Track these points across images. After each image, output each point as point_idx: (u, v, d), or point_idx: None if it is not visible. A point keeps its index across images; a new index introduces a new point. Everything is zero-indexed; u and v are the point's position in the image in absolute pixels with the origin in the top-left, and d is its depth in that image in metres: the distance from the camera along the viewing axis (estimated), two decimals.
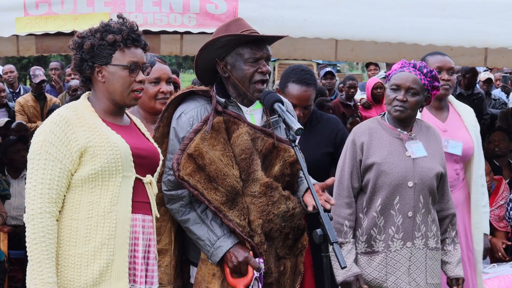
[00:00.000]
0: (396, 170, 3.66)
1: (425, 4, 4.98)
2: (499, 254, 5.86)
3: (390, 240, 3.66)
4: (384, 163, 3.66)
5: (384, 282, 3.67)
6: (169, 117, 3.39)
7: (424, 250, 3.70)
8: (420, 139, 3.76)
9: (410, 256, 3.67)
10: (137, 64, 2.90)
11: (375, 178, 3.67)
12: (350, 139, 3.80)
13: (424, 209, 3.67)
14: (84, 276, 2.76)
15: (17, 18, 4.82)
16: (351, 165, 3.73)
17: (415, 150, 3.71)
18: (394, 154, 3.69)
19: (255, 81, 3.28)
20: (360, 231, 3.73)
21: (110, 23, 2.91)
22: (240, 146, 3.25)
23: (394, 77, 3.73)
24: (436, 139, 3.82)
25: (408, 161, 3.68)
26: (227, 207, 3.24)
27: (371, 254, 3.70)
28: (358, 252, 3.73)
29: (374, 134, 3.75)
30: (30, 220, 2.73)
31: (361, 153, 3.72)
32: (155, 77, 3.70)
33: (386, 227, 3.67)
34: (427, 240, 3.70)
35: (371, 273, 3.68)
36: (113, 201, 2.80)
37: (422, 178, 3.67)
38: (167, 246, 3.46)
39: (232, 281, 3.28)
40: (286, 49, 6.94)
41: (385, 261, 3.67)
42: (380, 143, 3.72)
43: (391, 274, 3.66)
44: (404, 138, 3.74)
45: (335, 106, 9.12)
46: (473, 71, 8.75)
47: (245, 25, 3.32)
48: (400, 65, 3.78)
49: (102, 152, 2.79)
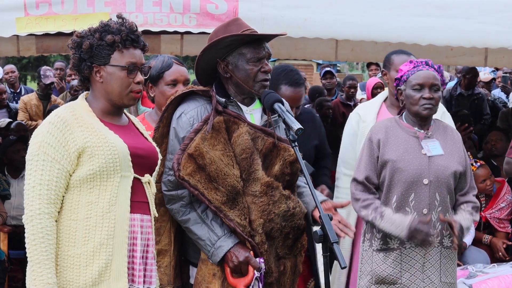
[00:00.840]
0: (411, 167, 3.68)
1: (425, 4, 4.98)
2: (500, 254, 5.86)
3: None
4: (400, 161, 3.70)
5: (398, 278, 3.70)
6: (169, 118, 3.39)
7: (439, 248, 3.72)
8: (437, 138, 3.79)
9: (425, 253, 3.70)
10: (135, 65, 2.90)
11: (391, 175, 3.71)
12: (367, 137, 3.85)
13: (440, 207, 3.70)
14: (83, 276, 2.76)
15: (18, 18, 4.82)
16: (369, 161, 3.76)
17: (431, 148, 3.74)
18: (410, 152, 3.72)
19: (259, 80, 3.29)
20: (376, 228, 3.74)
21: (109, 23, 2.90)
22: (241, 145, 3.25)
23: (414, 77, 3.73)
24: (454, 138, 3.84)
25: (424, 159, 3.71)
26: (227, 207, 3.24)
27: (387, 251, 3.72)
28: (373, 249, 3.76)
29: (391, 132, 3.78)
30: (29, 221, 2.73)
31: (377, 149, 3.76)
32: (172, 79, 3.73)
33: None
34: (443, 238, 3.73)
35: (386, 270, 3.71)
36: (111, 201, 2.80)
37: (437, 176, 3.69)
38: (166, 247, 3.46)
39: (232, 281, 3.28)
40: (286, 49, 6.95)
41: (400, 258, 3.70)
42: (396, 140, 3.75)
43: (405, 271, 3.70)
44: (421, 136, 3.77)
45: (335, 106, 9.12)
46: (474, 72, 8.76)
47: (244, 25, 3.33)
48: (413, 65, 3.79)
49: (100, 152, 2.79)
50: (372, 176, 3.76)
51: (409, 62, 3.84)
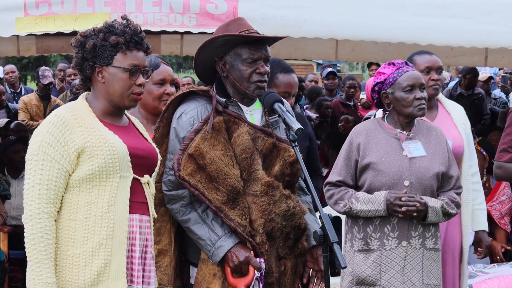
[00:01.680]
0: (392, 169, 3.67)
1: (426, 4, 4.99)
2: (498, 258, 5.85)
3: (385, 238, 3.68)
4: (380, 163, 3.68)
5: (378, 280, 3.68)
6: (169, 118, 3.39)
7: (421, 250, 3.69)
8: (419, 139, 3.76)
9: (405, 255, 3.67)
10: (138, 67, 2.90)
11: (372, 177, 3.69)
12: (347, 139, 3.82)
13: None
14: (82, 276, 2.76)
15: (17, 18, 4.82)
16: (345, 164, 3.76)
17: (412, 150, 3.72)
18: (391, 154, 3.70)
19: (253, 81, 3.28)
20: (356, 228, 3.74)
21: (114, 24, 2.90)
22: (241, 145, 3.25)
23: (404, 78, 3.70)
24: (438, 139, 3.81)
25: (405, 161, 3.69)
26: (228, 207, 3.24)
27: (367, 252, 3.71)
28: (355, 249, 3.75)
29: (372, 134, 3.76)
30: (28, 221, 2.73)
31: (357, 153, 3.74)
32: (160, 78, 3.71)
33: (381, 225, 3.68)
34: (425, 240, 3.70)
35: (366, 271, 3.69)
36: (110, 201, 2.80)
37: (419, 178, 3.67)
38: (167, 247, 3.46)
39: (233, 281, 3.28)
40: (286, 49, 6.95)
41: (379, 259, 3.68)
42: (377, 143, 3.73)
43: (385, 272, 3.67)
44: (402, 138, 3.75)
45: (335, 106, 9.12)
46: (474, 72, 8.76)
47: (244, 25, 3.32)
48: (394, 67, 3.76)
49: (100, 152, 2.79)
50: (347, 180, 3.75)
51: (388, 65, 3.80)
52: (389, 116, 3.82)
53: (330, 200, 3.79)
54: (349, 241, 3.80)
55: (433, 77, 4.15)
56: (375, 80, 3.83)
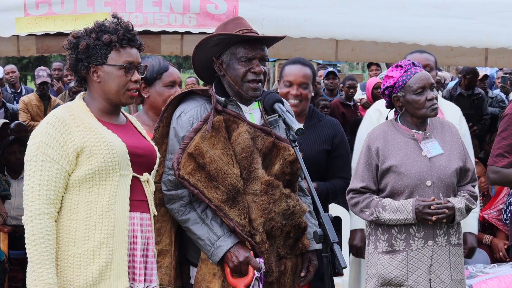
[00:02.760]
0: (413, 171, 3.68)
1: (425, 4, 4.99)
2: (500, 254, 5.86)
3: (411, 239, 3.68)
4: (401, 165, 3.69)
5: (405, 280, 3.68)
6: (169, 117, 3.39)
7: (447, 247, 3.71)
8: (435, 137, 3.78)
9: (432, 254, 3.69)
10: (132, 64, 2.91)
11: (394, 180, 3.70)
12: (365, 144, 3.81)
13: None
14: (84, 276, 2.76)
15: (17, 18, 4.82)
16: (366, 169, 3.75)
17: (430, 149, 3.73)
18: (410, 156, 3.71)
19: (247, 80, 3.28)
20: (381, 230, 3.74)
21: (105, 23, 2.92)
22: (241, 144, 3.26)
23: (414, 81, 3.70)
24: (452, 134, 3.83)
25: (425, 161, 3.70)
26: (227, 206, 3.24)
27: (392, 253, 3.71)
28: (379, 251, 3.74)
29: (389, 137, 3.76)
30: (28, 222, 2.74)
31: (377, 158, 3.74)
32: (170, 80, 3.76)
33: (407, 226, 3.69)
34: (449, 237, 3.72)
35: (392, 272, 3.69)
36: (111, 200, 2.81)
37: (440, 176, 3.69)
38: (167, 247, 3.46)
39: (232, 281, 3.28)
40: (286, 49, 6.95)
41: (406, 260, 3.69)
42: (395, 145, 3.74)
43: (412, 272, 3.68)
44: (419, 138, 3.76)
45: (334, 106, 9.12)
46: (474, 72, 8.76)
47: (242, 24, 3.32)
48: (403, 69, 3.75)
49: (99, 151, 2.79)
50: (370, 185, 3.75)
51: (396, 67, 3.79)
52: (402, 117, 3.82)
53: (355, 208, 3.78)
54: (372, 243, 3.79)
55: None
56: (384, 84, 3.82)
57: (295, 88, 4.09)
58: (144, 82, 3.75)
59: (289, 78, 4.11)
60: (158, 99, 3.73)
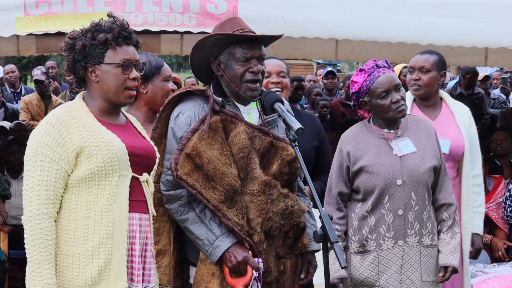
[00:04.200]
0: (383, 170, 3.67)
1: (426, 4, 4.99)
2: (499, 253, 5.86)
3: (382, 239, 3.68)
4: (372, 165, 3.68)
5: (376, 281, 3.68)
6: (167, 118, 3.39)
7: (418, 247, 3.69)
8: (408, 135, 3.76)
9: (403, 254, 3.67)
10: (130, 61, 2.90)
11: (365, 181, 3.69)
12: (338, 147, 3.83)
13: (417, 206, 3.67)
14: (83, 276, 2.76)
15: (17, 18, 4.82)
16: (338, 172, 3.77)
17: (402, 148, 3.71)
18: (381, 155, 3.70)
19: (246, 80, 3.28)
20: (352, 230, 3.74)
21: (100, 23, 2.92)
22: (238, 145, 3.25)
23: (376, 85, 3.68)
24: (427, 131, 3.80)
25: (395, 160, 3.69)
26: (225, 206, 3.24)
27: (364, 253, 3.71)
28: (351, 252, 3.74)
29: (360, 139, 3.76)
30: (28, 222, 2.74)
31: (348, 160, 3.75)
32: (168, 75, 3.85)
33: (377, 226, 3.69)
34: (422, 237, 3.70)
35: (363, 273, 3.69)
36: (110, 201, 2.81)
37: (411, 175, 3.67)
38: (166, 247, 3.46)
39: (231, 281, 3.28)
40: (286, 49, 6.96)
41: (377, 260, 3.68)
42: (367, 146, 3.73)
43: (383, 273, 3.67)
44: (390, 137, 3.75)
45: (334, 106, 9.12)
46: (473, 72, 8.76)
47: (239, 24, 3.32)
48: (366, 73, 3.72)
49: (98, 152, 2.79)
50: (343, 189, 3.76)
51: (360, 71, 3.78)
52: (374, 117, 3.82)
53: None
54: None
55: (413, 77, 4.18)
56: (351, 89, 3.81)
57: (274, 77, 4.16)
58: (142, 78, 3.77)
59: (267, 68, 4.13)
60: (159, 94, 3.74)
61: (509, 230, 6.09)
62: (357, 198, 3.75)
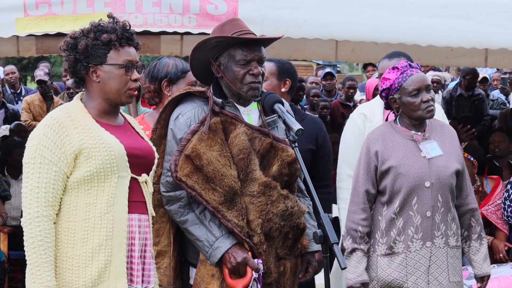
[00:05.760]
0: (412, 171, 3.68)
1: (426, 5, 4.98)
2: (500, 255, 5.85)
3: (410, 240, 3.69)
4: (400, 166, 3.69)
5: (404, 282, 3.69)
6: (167, 119, 3.39)
7: (445, 248, 3.72)
8: (434, 139, 3.78)
9: (430, 255, 3.69)
10: (132, 63, 2.90)
11: (393, 181, 3.70)
12: (364, 146, 3.82)
13: (443, 208, 3.70)
14: (83, 278, 2.76)
15: (17, 19, 4.82)
16: (365, 172, 3.76)
17: (430, 150, 3.73)
18: (409, 156, 3.71)
19: (246, 83, 3.28)
20: (379, 233, 3.74)
21: (101, 23, 2.91)
22: (238, 146, 3.25)
23: (409, 83, 3.70)
24: (451, 136, 3.84)
25: (424, 162, 3.71)
26: (225, 207, 3.24)
27: (391, 255, 3.71)
28: (378, 254, 3.74)
29: (388, 139, 3.77)
30: (27, 224, 2.73)
31: (376, 159, 3.75)
32: (194, 80, 3.82)
33: (405, 228, 3.69)
34: (448, 238, 3.72)
35: (392, 274, 3.70)
36: (109, 202, 2.80)
37: (439, 177, 3.69)
38: (166, 248, 3.46)
39: (230, 282, 3.27)
40: (286, 50, 6.94)
41: (405, 261, 3.69)
42: (395, 147, 3.74)
43: (411, 274, 3.69)
44: (418, 139, 3.76)
45: (334, 107, 9.12)
46: (474, 72, 8.75)
47: (239, 26, 3.32)
48: (399, 71, 3.76)
49: (97, 153, 2.79)
50: (370, 189, 3.76)
51: (392, 69, 3.80)
52: (400, 118, 3.83)
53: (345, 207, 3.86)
54: (371, 246, 3.79)
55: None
56: (381, 86, 3.83)
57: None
58: (168, 80, 3.78)
59: None
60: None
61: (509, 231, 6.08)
62: (383, 200, 3.74)
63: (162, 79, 3.82)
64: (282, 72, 4.33)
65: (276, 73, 4.31)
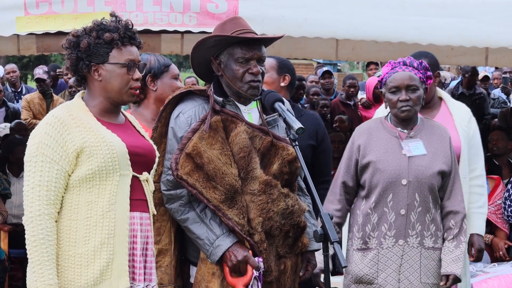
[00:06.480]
0: (390, 168, 3.68)
1: (426, 3, 4.99)
2: (500, 253, 5.86)
3: (383, 237, 3.69)
4: (379, 161, 3.70)
5: (375, 278, 3.69)
6: (167, 117, 3.39)
7: (418, 249, 3.69)
8: (421, 138, 3.77)
9: (403, 254, 3.68)
10: (134, 62, 2.91)
11: (371, 176, 3.71)
12: (350, 139, 3.86)
13: (420, 207, 3.68)
14: (85, 276, 2.76)
15: (18, 18, 4.82)
16: (346, 164, 3.81)
17: (412, 149, 3.72)
18: (390, 153, 3.72)
19: (246, 82, 3.28)
20: (356, 227, 3.77)
21: (104, 22, 2.91)
22: (238, 144, 3.26)
23: (390, 79, 3.73)
24: (441, 137, 3.81)
25: (403, 159, 3.70)
26: (226, 206, 3.24)
27: (365, 250, 3.73)
28: (354, 248, 3.76)
29: (373, 133, 3.78)
30: (29, 223, 2.73)
31: (357, 153, 3.77)
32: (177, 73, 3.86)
33: (379, 224, 3.70)
34: (423, 239, 3.70)
35: (363, 269, 3.71)
36: (111, 200, 2.80)
37: (417, 176, 3.67)
38: (167, 246, 3.46)
39: (231, 281, 3.28)
40: (287, 49, 6.95)
41: (376, 257, 3.70)
42: (377, 142, 3.75)
43: (382, 271, 3.69)
44: (402, 136, 3.76)
45: (334, 106, 9.12)
46: (473, 70, 8.76)
47: (240, 24, 3.32)
48: (390, 66, 3.78)
49: (99, 152, 2.79)
50: (348, 181, 3.79)
51: (389, 63, 3.82)
52: (390, 115, 3.84)
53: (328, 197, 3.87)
54: (350, 239, 3.82)
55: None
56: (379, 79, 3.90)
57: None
58: (152, 75, 3.78)
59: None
60: (168, 91, 3.74)
61: (509, 230, 6.09)
62: (362, 194, 3.77)
63: (146, 75, 3.81)
64: (282, 67, 4.35)
65: (276, 67, 4.32)
